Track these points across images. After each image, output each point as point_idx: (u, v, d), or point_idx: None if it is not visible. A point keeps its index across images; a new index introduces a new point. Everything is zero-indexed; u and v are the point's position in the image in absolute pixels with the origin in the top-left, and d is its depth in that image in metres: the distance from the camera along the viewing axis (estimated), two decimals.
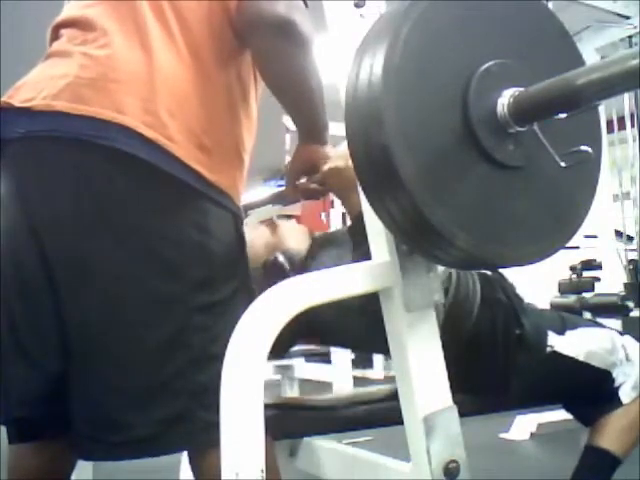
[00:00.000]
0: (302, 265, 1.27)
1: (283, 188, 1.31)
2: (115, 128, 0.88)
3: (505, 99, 0.71)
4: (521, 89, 0.71)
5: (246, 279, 1.01)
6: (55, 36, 1.03)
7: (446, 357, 0.83)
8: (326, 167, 1.11)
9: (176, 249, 0.91)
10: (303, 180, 1.21)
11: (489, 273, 1.38)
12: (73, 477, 1.09)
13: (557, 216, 0.78)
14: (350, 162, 0.73)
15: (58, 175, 0.91)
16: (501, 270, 1.36)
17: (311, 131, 1.14)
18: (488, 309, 1.29)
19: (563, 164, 0.71)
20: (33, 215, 0.92)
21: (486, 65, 0.72)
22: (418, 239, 0.74)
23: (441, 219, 0.68)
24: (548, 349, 1.33)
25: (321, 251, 1.30)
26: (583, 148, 0.72)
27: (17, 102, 0.93)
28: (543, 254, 0.76)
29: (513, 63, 0.73)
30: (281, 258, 1.27)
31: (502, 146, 0.72)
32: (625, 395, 1.35)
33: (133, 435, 0.90)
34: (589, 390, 1.38)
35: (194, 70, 0.95)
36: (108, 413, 0.91)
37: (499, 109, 0.71)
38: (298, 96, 1.05)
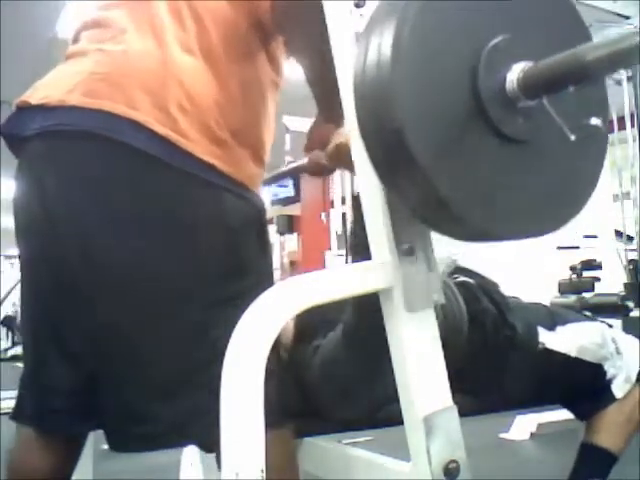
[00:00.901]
0: (288, 358, 1.26)
1: (296, 164, 1.32)
2: (126, 123, 0.89)
3: (515, 73, 0.71)
4: (530, 63, 0.71)
5: (268, 271, 1.01)
6: (76, 40, 1.05)
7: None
8: (330, 146, 1.13)
9: (195, 244, 0.92)
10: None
11: (469, 280, 1.38)
12: (73, 477, 1.09)
13: (568, 187, 0.79)
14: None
15: (74, 170, 0.92)
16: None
17: (333, 111, 1.12)
18: (476, 321, 1.29)
19: (573, 137, 0.72)
20: (54, 218, 0.93)
21: (495, 40, 0.72)
22: (431, 214, 0.75)
23: (455, 195, 0.69)
24: (539, 346, 1.33)
25: (306, 340, 1.27)
26: (593, 120, 0.73)
27: (34, 100, 0.95)
28: (555, 226, 0.78)
29: (521, 37, 0.74)
30: None
31: (512, 120, 0.72)
32: (618, 389, 1.35)
33: (156, 428, 0.91)
34: (582, 385, 1.38)
35: (207, 66, 0.95)
36: (132, 406, 0.92)
37: (508, 83, 0.71)
38: (330, 76, 1.05)
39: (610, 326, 1.46)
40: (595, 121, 0.73)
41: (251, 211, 0.99)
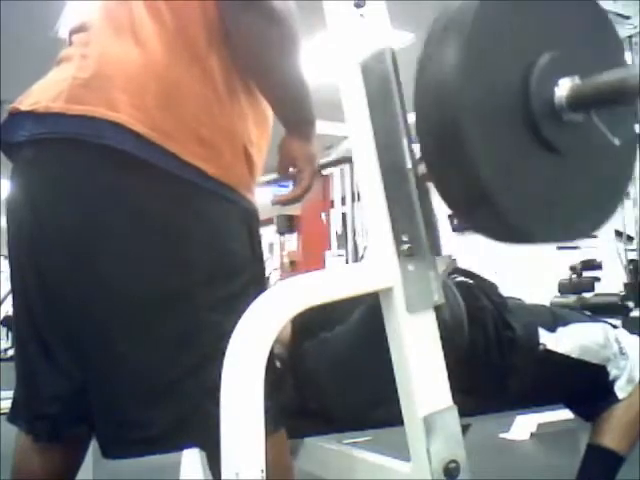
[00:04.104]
0: (288, 356, 1.26)
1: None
2: (107, 125, 0.89)
3: (563, 90, 0.77)
4: (577, 80, 0.77)
5: (258, 273, 1.00)
6: (70, 43, 1.05)
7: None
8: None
9: (179, 246, 0.91)
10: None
11: (468, 281, 1.37)
12: None
13: (606, 191, 0.87)
14: None
15: (59, 177, 0.92)
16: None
17: (288, 122, 1.09)
18: (475, 321, 1.28)
19: (617, 142, 0.78)
20: (42, 224, 0.93)
21: (545, 55, 0.77)
22: (475, 212, 0.80)
23: (501, 195, 0.74)
24: (540, 347, 1.33)
25: (306, 338, 1.27)
26: (637, 128, 0.81)
27: (24, 106, 0.95)
28: (592, 228, 0.85)
29: (568, 53, 0.79)
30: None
31: (558, 132, 0.78)
32: (620, 390, 1.35)
33: (148, 433, 0.91)
34: (585, 386, 1.38)
35: (188, 63, 0.94)
36: (123, 412, 0.92)
37: (557, 99, 0.77)
38: (268, 78, 1.01)
39: (614, 326, 1.46)
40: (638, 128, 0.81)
41: (239, 214, 0.97)
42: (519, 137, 0.76)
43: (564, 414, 1.58)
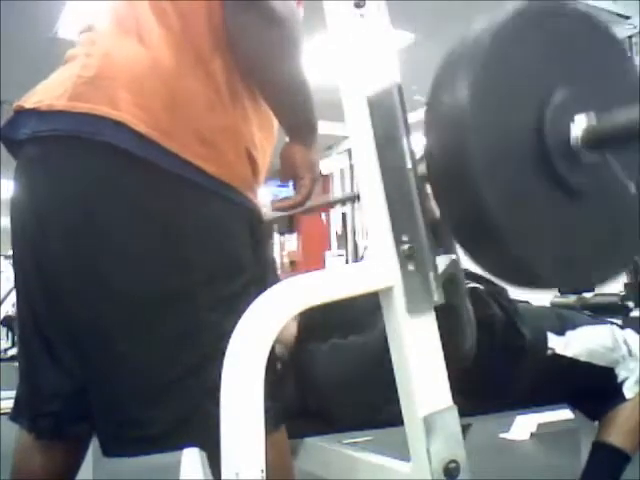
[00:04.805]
0: (292, 355, 1.26)
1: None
2: (107, 123, 0.89)
3: (578, 128, 0.74)
4: (593, 117, 0.74)
5: (259, 273, 0.99)
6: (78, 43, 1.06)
7: (449, 377, 0.83)
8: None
9: (180, 246, 0.91)
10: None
11: (478, 286, 1.37)
12: None
13: (625, 238, 0.82)
14: None
15: (60, 175, 0.92)
16: None
17: (290, 126, 1.09)
18: (485, 328, 1.28)
19: (634, 190, 0.75)
20: (43, 221, 0.93)
21: (558, 92, 0.75)
22: (494, 260, 0.78)
23: (519, 244, 0.72)
24: (549, 352, 1.33)
25: (313, 338, 1.27)
26: None
27: (28, 105, 0.96)
28: (614, 275, 0.81)
29: (581, 88, 0.76)
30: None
31: (576, 173, 0.75)
32: (628, 390, 1.35)
33: (148, 432, 0.91)
34: (593, 388, 1.38)
35: (193, 65, 0.95)
36: (124, 412, 0.92)
37: (573, 139, 0.74)
38: (268, 79, 1.01)
39: (621, 327, 1.46)
40: None
41: (240, 213, 0.97)
42: (533, 176, 0.74)
43: (564, 414, 1.58)
